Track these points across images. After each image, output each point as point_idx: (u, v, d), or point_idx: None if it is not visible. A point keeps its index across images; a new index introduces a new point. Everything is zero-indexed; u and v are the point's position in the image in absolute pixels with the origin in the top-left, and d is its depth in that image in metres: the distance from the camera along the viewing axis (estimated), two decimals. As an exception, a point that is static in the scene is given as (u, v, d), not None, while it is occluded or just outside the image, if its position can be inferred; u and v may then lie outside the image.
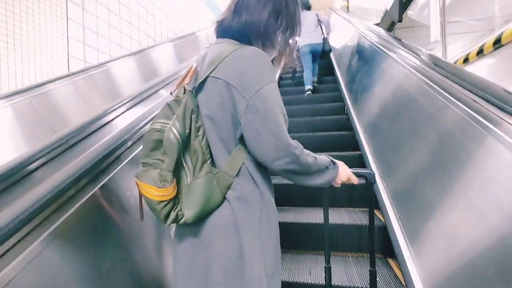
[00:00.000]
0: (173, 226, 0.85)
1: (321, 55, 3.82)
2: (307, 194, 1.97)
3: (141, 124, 1.33)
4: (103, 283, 0.91)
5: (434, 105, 1.22)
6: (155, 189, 0.65)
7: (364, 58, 2.75)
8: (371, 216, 0.84)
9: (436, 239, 1.06)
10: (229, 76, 0.67)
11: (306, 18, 3.72)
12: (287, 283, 1.32)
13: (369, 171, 0.80)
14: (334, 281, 1.27)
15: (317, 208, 1.93)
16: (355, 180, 0.81)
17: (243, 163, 0.71)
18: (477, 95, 0.99)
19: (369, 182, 0.81)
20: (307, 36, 3.70)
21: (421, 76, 1.39)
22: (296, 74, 4.44)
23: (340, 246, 1.58)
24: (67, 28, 2.40)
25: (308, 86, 3.66)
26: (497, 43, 2.15)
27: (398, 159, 1.58)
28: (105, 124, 1.26)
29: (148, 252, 1.19)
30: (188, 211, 0.68)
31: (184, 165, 0.69)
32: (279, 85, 4.42)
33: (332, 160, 0.78)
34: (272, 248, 0.71)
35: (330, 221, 1.59)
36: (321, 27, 3.76)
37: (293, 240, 1.65)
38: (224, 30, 0.78)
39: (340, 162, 0.80)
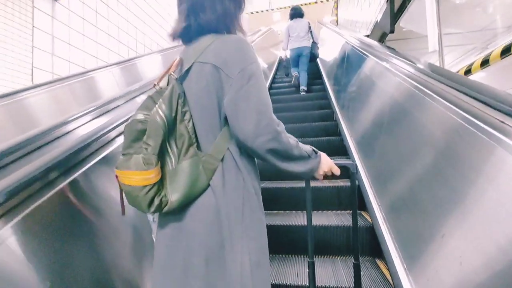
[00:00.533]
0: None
1: (310, 59, 4.08)
2: (294, 198, 1.96)
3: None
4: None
5: (421, 110, 1.23)
6: (138, 173, 0.63)
7: (351, 66, 2.81)
8: (354, 207, 0.83)
9: (423, 240, 1.06)
10: (215, 59, 0.69)
11: (298, 25, 4.05)
12: (274, 285, 1.28)
13: (350, 161, 0.80)
14: (321, 282, 1.25)
15: (304, 211, 1.91)
16: (337, 171, 0.80)
17: (228, 148, 0.70)
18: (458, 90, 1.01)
19: (351, 172, 0.80)
20: (297, 41, 4.03)
21: (410, 80, 1.40)
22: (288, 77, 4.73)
23: (328, 248, 1.55)
24: (33, 38, 2.21)
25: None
26: (506, 52, 2.01)
27: (385, 163, 1.59)
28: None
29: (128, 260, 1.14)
30: (173, 195, 0.66)
31: (169, 150, 0.69)
32: (271, 94, 4.46)
33: (314, 150, 0.78)
34: (256, 235, 0.69)
35: (318, 224, 1.59)
36: (311, 33, 4.04)
37: (281, 243, 1.62)
38: (195, 33, 0.77)
39: (323, 153, 0.80)
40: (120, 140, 1.23)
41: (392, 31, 3.00)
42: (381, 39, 3.85)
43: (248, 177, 0.71)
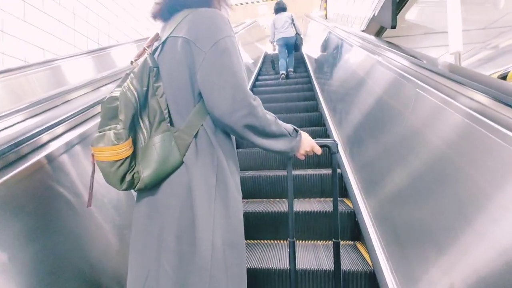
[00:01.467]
0: None
1: (295, 48, 4.68)
2: (278, 186, 1.97)
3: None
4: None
5: (405, 98, 1.24)
6: (109, 148, 0.63)
7: (337, 59, 2.83)
8: (335, 185, 0.84)
9: (399, 222, 1.09)
10: (187, 33, 0.67)
11: (282, 18, 4.62)
12: (257, 270, 1.29)
13: (331, 140, 0.81)
14: (303, 265, 1.26)
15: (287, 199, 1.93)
16: (318, 150, 0.81)
17: (202, 125, 0.69)
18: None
19: (332, 152, 0.81)
20: (281, 31, 4.59)
21: (396, 69, 1.41)
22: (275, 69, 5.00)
23: (310, 234, 1.58)
24: None
25: (282, 71, 4.47)
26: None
27: (367, 152, 1.62)
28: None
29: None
30: (144, 171, 0.65)
31: (142, 125, 0.67)
32: (255, 86, 4.45)
33: (295, 128, 0.77)
34: (229, 214, 0.68)
35: (301, 209, 1.60)
36: (294, 25, 4.60)
37: (264, 229, 1.63)
38: (170, 10, 0.75)
39: (304, 132, 0.80)
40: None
41: (393, 26, 2.41)
42: (378, 34, 3.31)
43: (223, 156, 0.69)
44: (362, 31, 3.07)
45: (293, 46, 4.62)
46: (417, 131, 1.07)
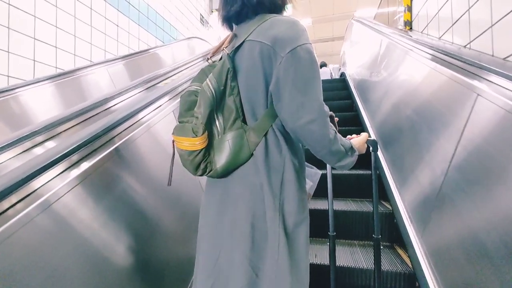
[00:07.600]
0: None
1: None
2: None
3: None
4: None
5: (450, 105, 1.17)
6: (187, 139, 0.71)
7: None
8: (375, 179, 0.86)
9: (439, 224, 1.07)
10: (266, 38, 0.70)
11: (323, 73, 6.60)
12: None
13: (372, 139, 0.83)
14: (339, 262, 1.28)
15: (324, 198, 1.94)
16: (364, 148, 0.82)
17: (271, 126, 0.73)
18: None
19: (372, 150, 0.83)
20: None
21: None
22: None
23: (347, 233, 1.58)
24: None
25: None
26: None
27: (406, 157, 1.58)
28: None
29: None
30: (218, 163, 0.72)
31: (216, 122, 0.74)
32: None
33: (352, 147, 0.76)
34: (292, 210, 0.71)
35: (337, 208, 1.61)
36: (331, 75, 6.79)
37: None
38: (248, 13, 0.79)
39: (355, 139, 0.83)
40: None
41: None
42: None
43: (290, 156, 0.72)
44: None
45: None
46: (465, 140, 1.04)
